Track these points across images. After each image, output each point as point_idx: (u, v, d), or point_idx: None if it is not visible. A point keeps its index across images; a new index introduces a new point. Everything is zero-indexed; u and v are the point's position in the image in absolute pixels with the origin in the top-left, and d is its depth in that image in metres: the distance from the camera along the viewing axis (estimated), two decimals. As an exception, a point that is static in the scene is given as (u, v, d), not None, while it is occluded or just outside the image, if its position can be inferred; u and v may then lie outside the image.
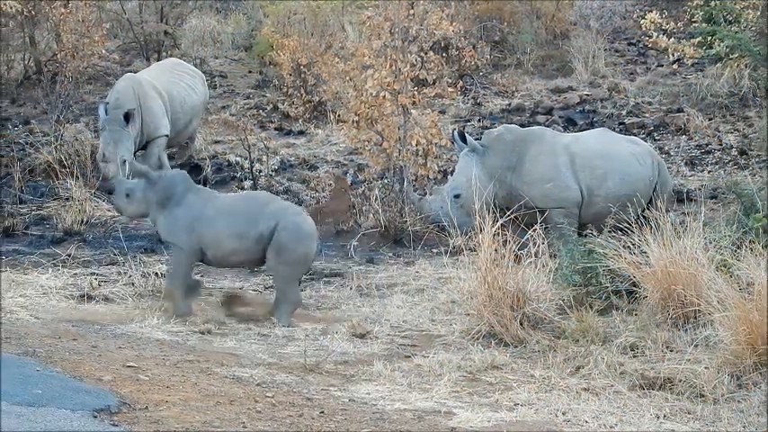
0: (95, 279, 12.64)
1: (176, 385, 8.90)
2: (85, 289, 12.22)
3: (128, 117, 15.69)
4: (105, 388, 8.67)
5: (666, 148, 17.91)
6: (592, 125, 18.30)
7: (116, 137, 15.69)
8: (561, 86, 21.35)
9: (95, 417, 7.96)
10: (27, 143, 17.83)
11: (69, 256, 13.66)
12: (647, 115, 19.54)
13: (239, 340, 10.72)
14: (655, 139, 18.30)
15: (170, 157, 17.43)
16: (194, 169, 17.31)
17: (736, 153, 17.64)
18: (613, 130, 16.75)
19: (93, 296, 12.06)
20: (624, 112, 19.76)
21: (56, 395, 8.33)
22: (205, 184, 16.53)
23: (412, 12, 15.48)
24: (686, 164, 17.37)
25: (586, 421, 8.49)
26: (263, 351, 10.37)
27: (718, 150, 17.85)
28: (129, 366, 9.35)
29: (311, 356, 9.96)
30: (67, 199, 15.47)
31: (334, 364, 9.97)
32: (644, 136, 18.10)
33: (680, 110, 19.48)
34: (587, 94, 20.78)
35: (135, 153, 16.15)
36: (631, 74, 22.03)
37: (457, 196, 13.39)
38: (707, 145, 18.13)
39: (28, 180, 16.60)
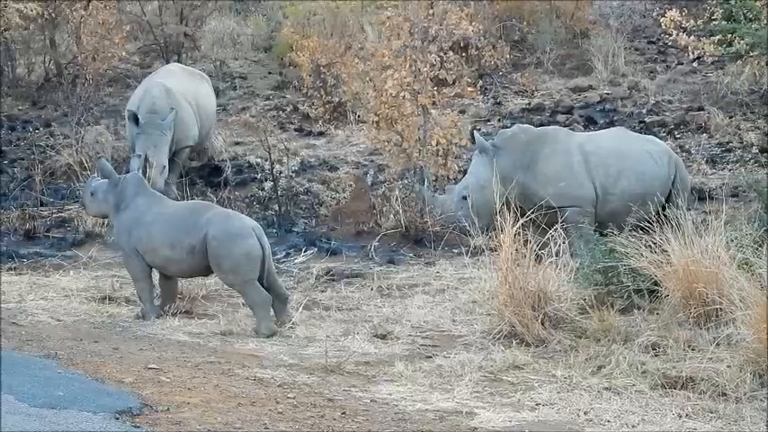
0: (116, 281, 12.67)
1: (198, 387, 8.91)
2: (107, 291, 12.27)
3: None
4: (127, 390, 8.68)
5: (687, 147, 17.84)
6: (612, 124, 18.22)
7: (155, 141, 15.74)
8: (581, 85, 21.29)
9: (117, 418, 7.97)
10: (48, 146, 17.92)
11: (90, 258, 13.73)
12: (667, 114, 19.46)
13: (260, 341, 10.71)
14: (675, 138, 18.24)
15: (191, 160, 17.46)
16: (215, 171, 17.34)
17: (756, 151, 17.55)
18: (634, 128, 16.72)
19: (115, 298, 12.09)
20: (644, 111, 19.69)
21: (77, 397, 8.35)
22: (225, 186, 16.57)
23: (431, 12, 15.48)
24: (707, 162, 17.28)
25: (608, 421, 8.47)
26: (284, 352, 10.37)
27: (739, 148, 17.77)
28: (150, 368, 9.37)
29: (332, 357, 9.96)
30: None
31: (356, 364, 9.96)
32: (664, 134, 18.06)
33: (700, 108, 19.39)
34: (607, 93, 20.71)
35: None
36: (651, 72, 21.94)
37: (465, 197, 13.36)
38: (728, 143, 18.05)
39: (49, 182, 16.66)
